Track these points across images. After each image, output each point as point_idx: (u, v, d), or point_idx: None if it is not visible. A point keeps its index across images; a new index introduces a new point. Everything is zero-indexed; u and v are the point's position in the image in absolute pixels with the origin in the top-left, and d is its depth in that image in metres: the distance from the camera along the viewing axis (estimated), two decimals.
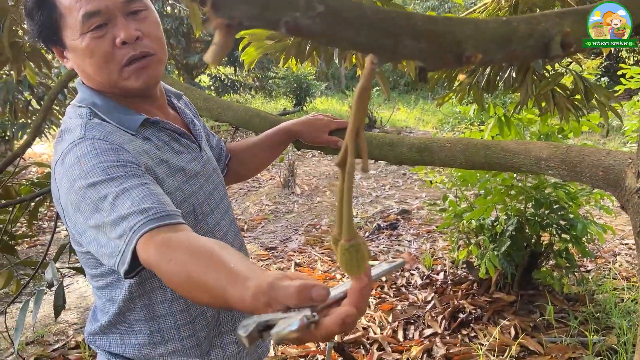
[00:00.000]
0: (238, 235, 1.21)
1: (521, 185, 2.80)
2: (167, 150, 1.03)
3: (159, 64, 1.01)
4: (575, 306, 2.88)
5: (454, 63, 0.48)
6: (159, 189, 0.89)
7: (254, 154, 1.39)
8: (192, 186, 1.05)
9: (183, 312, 1.04)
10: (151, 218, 0.80)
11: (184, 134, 1.08)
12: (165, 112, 1.11)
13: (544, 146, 1.07)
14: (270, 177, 7.32)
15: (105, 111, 0.98)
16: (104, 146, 0.89)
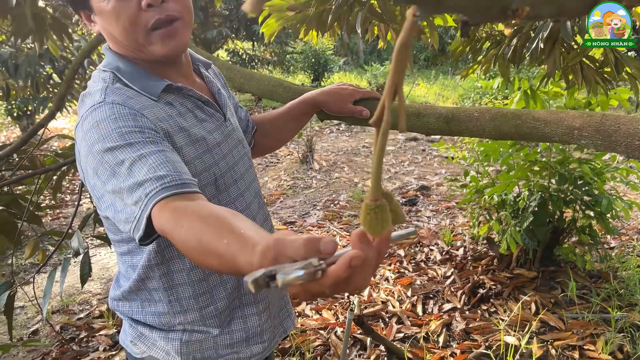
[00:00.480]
0: (262, 208, 1.20)
1: (545, 160, 2.75)
2: (189, 117, 1.01)
3: (186, 28, 0.99)
4: (598, 283, 2.85)
5: (499, 17, 0.45)
6: (176, 156, 0.88)
7: (279, 125, 1.37)
8: (214, 156, 1.03)
9: (201, 281, 1.04)
10: (167, 185, 0.80)
11: (209, 102, 1.07)
12: (191, 79, 1.09)
13: (577, 115, 1.04)
14: (288, 152, 7.32)
15: (129, 76, 0.98)
16: (122, 111, 0.89)
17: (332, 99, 1.30)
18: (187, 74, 1.09)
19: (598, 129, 1.00)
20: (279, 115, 1.35)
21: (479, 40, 2.60)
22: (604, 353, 2.25)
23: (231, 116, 1.15)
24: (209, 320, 1.07)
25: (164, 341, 1.08)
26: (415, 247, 3.64)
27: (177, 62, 1.05)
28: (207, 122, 1.05)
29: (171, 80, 1.02)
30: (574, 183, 2.72)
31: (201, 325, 1.07)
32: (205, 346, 1.08)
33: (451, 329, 2.59)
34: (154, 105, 0.95)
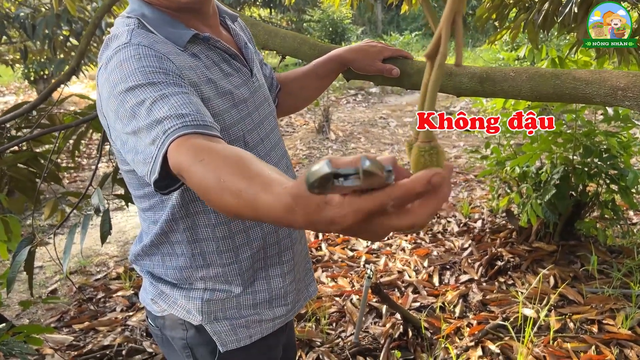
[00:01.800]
0: (290, 170, 1.16)
1: (571, 132, 2.68)
2: (215, 70, 0.97)
3: None
4: (619, 258, 2.81)
5: None
6: (200, 101, 0.84)
7: (304, 84, 1.32)
8: (241, 112, 0.99)
9: (226, 238, 1.02)
10: (187, 124, 0.74)
11: (235, 55, 1.02)
12: (217, 31, 1.05)
13: (621, 75, 0.99)
14: (304, 122, 7.27)
15: (154, 23, 0.93)
16: (148, 52, 0.84)
17: (360, 56, 1.24)
18: (214, 24, 1.04)
19: None
20: (305, 73, 1.31)
21: (506, 6, 2.51)
22: (624, 328, 2.22)
23: (257, 72, 1.11)
24: (231, 277, 1.05)
25: (185, 299, 1.06)
26: (433, 219, 3.60)
27: (203, 11, 0.99)
28: (233, 76, 1.01)
29: (200, 29, 0.98)
30: (599, 156, 2.65)
31: (223, 282, 1.05)
32: (228, 305, 1.06)
33: (468, 300, 2.57)
34: (180, 54, 0.91)
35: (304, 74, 1.31)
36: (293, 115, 7.63)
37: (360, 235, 0.48)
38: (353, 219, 0.44)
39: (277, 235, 1.08)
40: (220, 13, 1.09)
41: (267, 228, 1.05)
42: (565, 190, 2.77)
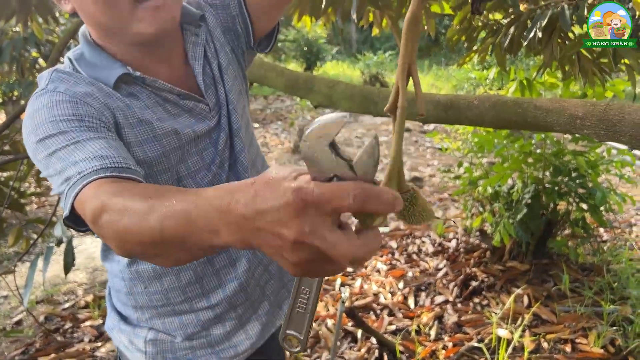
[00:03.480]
0: None
1: (540, 152, 2.72)
2: (158, 110, 0.89)
3: (177, 3, 0.86)
4: (590, 276, 2.84)
5: None
6: (121, 145, 0.78)
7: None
8: (185, 153, 0.92)
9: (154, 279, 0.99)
10: (107, 166, 0.69)
11: (184, 94, 0.92)
12: (175, 62, 0.95)
13: (580, 104, 1.00)
14: (279, 142, 7.26)
15: (86, 63, 0.87)
16: (61, 98, 0.79)
17: None
18: (171, 56, 0.93)
19: (601, 119, 0.96)
20: None
21: (475, 29, 2.56)
22: (596, 346, 2.23)
23: (218, 92, 0.98)
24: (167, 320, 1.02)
25: (132, 336, 1.03)
26: (407, 239, 3.61)
27: (159, 43, 0.90)
28: (182, 117, 0.92)
29: (150, 67, 0.90)
30: (568, 175, 2.70)
31: (161, 325, 1.02)
32: (172, 347, 1.02)
33: (443, 322, 2.57)
34: (108, 95, 0.84)
35: None
36: (267, 135, 7.63)
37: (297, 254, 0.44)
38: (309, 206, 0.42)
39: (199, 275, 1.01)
40: (183, 26, 0.97)
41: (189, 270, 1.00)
42: (537, 209, 2.81)
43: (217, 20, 1.02)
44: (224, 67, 1.00)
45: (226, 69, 1.00)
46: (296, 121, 7.10)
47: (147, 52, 0.89)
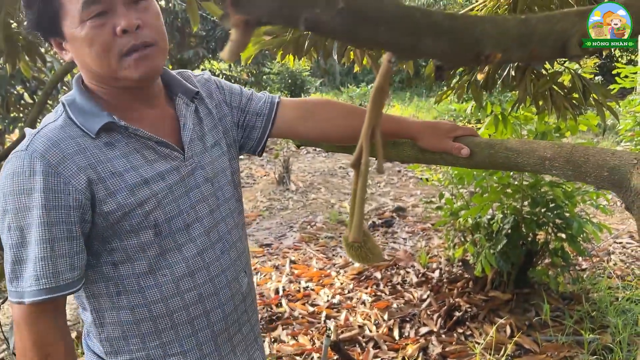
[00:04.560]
0: (230, 251, 1.10)
1: (518, 184, 2.80)
2: (136, 158, 0.97)
3: (160, 54, 0.97)
4: (571, 305, 2.89)
5: (473, 62, 0.46)
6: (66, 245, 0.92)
7: (334, 117, 1.21)
8: (159, 200, 0.98)
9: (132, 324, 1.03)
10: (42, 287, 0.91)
11: (162, 142, 1.00)
12: (159, 112, 1.05)
13: (548, 146, 1.06)
14: (264, 173, 7.30)
15: (76, 110, 0.96)
16: (35, 168, 0.89)
17: (429, 132, 1.17)
18: (156, 104, 1.05)
19: (568, 160, 1.02)
20: (349, 111, 1.22)
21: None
22: None
23: (202, 152, 1.08)
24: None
25: None
26: (392, 270, 3.64)
27: (145, 92, 1.01)
28: (158, 163, 0.99)
29: (136, 111, 1.00)
30: (546, 206, 2.77)
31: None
32: None
33: (428, 353, 2.59)
34: (86, 148, 0.93)
35: (344, 108, 1.24)
36: (253, 166, 7.67)
37: None
38: None
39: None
40: (174, 89, 1.08)
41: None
42: (517, 239, 2.87)
43: (227, 113, 1.17)
44: (209, 133, 1.12)
45: (209, 136, 1.12)
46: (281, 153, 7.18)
47: (134, 97, 1.00)
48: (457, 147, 1.12)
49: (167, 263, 1.00)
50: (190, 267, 1.02)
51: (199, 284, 1.03)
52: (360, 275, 3.57)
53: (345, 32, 0.39)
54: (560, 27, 0.49)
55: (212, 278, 1.05)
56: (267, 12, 0.35)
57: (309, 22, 0.37)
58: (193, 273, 1.02)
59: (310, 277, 3.58)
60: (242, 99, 1.20)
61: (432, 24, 0.42)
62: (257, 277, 3.64)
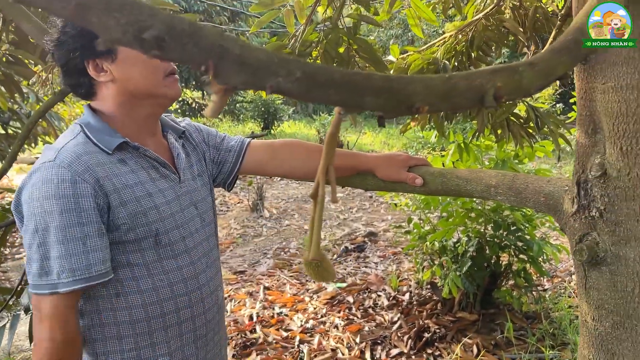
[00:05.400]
0: (211, 267, 1.25)
1: (480, 208, 2.94)
2: (142, 174, 1.12)
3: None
4: (534, 324, 3.02)
5: (406, 112, 0.58)
6: (98, 242, 1.03)
7: (297, 155, 1.35)
8: (160, 213, 1.12)
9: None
10: (77, 278, 1.01)
11: (165, 164, 1.17)
12: (158, 141, 1.21)
13: (493, 174, 1.19)
14: (238, 200, 7.35)
15: (93, 129, 1.09)
16: (65, 176, 1.00)
17: (386, 163, 1.29)
18: (157, 133, 1.22)
19: (510, 187, 1.14)
20: (309, 149, 1.35)
21: None
22: None
23: (191, 179, 1.24)
24: None
25: None
26: (364, 294, 3.73)
27: (153, 122, 1.20)
28: (159, 181, 1.15)
29: (141, 137, 1.15)
30: (507, 229, 2.92)
31: None
32: None
33: None
34: (103, 163, 1.06)
35: (307, 149, 1.36)
36: (227, 194, 7.71)
37: None
38: None
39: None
40: (164, 128, 1.25)
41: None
42: (481, 261, 3.00)
43: (205, 150, 1.34)
44: (195, 165, 1.29)
45: (195, 167, 1.29)
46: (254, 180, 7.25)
47: (143, 126, 1.17)
48: (411, 177, 1.25)
49: (164, 270, 1.13)
50: (184, 274, 1.16)
51: (189, 290, 1.17)
52: (333, 300, 3.65)
53: (302, 94, 0.50)
54: (477, 83, 0.60)
55: (200, 287, 1.19)
56: (241, 82, 0.46)
57: (273, 88, 0.48)
58: (185, 280, 1.16)
59: (284, 303, 3.64)
60: (217, 139, 1.37)
61: (371, 85, 0.54)
62: (231, 304, 3.68)
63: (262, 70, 0.46)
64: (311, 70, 0.49)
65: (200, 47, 0.43)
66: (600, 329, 1.02)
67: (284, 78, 0.48)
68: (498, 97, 0.62)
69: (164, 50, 0.41)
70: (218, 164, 1.36)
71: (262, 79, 0.47)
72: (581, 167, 1.02)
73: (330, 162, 0.58)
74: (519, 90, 0.63)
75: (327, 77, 0.50)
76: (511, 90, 0.63)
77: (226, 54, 0.44)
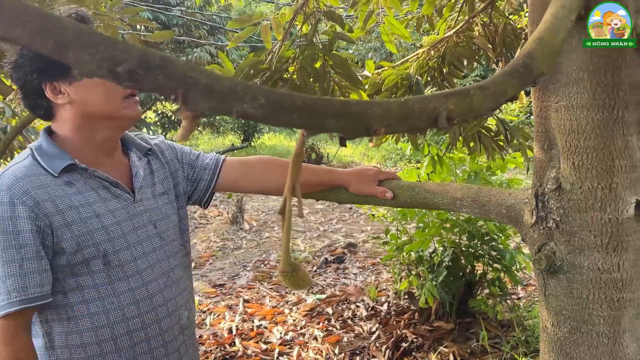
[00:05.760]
0: (172, 286, 1.24)
1: (455, 219, 3.01)
2: (90, 195, 1.13)
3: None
4: (508, 332, 3.09)
5: (365, 134, 0.63)
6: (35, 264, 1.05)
7: (270, 172, 1.38)
8: (109, 233, 1.12)
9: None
10: (12, 301, 1.03)
11: (116, 184, 1.18)
12: (116, 160, 1.22)
13: (458, 187, 1.24)
14: (218, 213, 7.34)
15: (43, 153, 1.11)
16: (4, 199, 1.04)
17: (356, 179, 1.33)
18: (116, 152, 1.23)
19: (475, 199, 1.20)
20: (281, 165, 1.39)
21: None
22: None
23: (150, 198, 1.24)
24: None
25: None
26: (343, 305, 3.76)
27: (110, 144, 1.20)
28: (110, 201, 1.16)
29: (97, 158, 1.16)
30: (481, 239, 2.99)
31: None
32: None
33: None
34: (47, 185, 1.08)
35: (280, 165, 1.39)
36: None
37: None
38: None
39: None
40: (128, 146, 1.26)
41: None
42: (456, 271, 3.07)
43: (178, 168, 1.35)
44: (158, 183, 1.29)
45: (158, 185, 1.28)
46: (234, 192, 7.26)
47: (99, 148, 1.18)
48: (381, 191, 1.30)
49: (114, 292, 1.13)
50: (135, 296, 1.16)
51: (142, 312, 1.16)
52: (313, 312, 3.67)
53: (267, 119, 0.54)
54: (431, 106, 0.65)
55: (155, 307, 1.19)
56: (208, 108, 0.50)
57: (239, 113, 0.52)
58: (138, 302, 1.16)
59: (263, 315, 3.65)
60: (191, 157, 1.38)
61: (331, 109, 0.58)
62: (210, 317, 3.68)
63: (228, 97, 0.51)
64: (274, 97, 0.54)
65: (170, 78, 0.47)
66: (559, 334, 1.08)
67: (249, 104, 0.52)
68: (450, 119, 0.67)
69: (137, 81, 0.44)
70: (193, 182, 1.37)
71: (228, 105, 0.51)
72: (539, 180, 1.08)
73: (297, 179, 0.62)
74: (471, 112, 0.68)
75: (290, 102, 0.55)
76: (463, 113, 0.68)
77: (194, 83, 0.49)
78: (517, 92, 0.78)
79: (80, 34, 0.40)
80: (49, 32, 0.39)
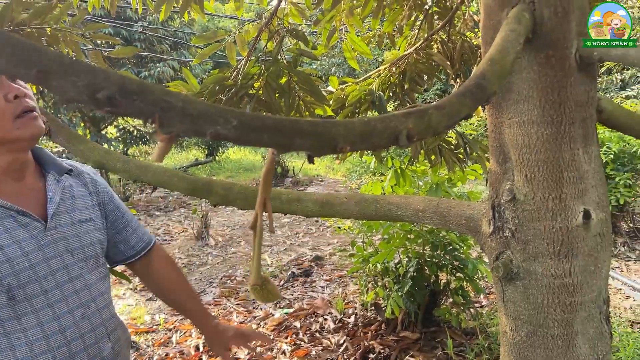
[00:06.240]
0: (92, 317, 1.18)
1: (419, 230, 3.08)
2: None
3: (40, 118, 1.14)
4: (472, 339, 3.16)
5: (331, 152, 0.66)
6: None
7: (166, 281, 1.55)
8: (14, 266, 1.05)
9: None
10: None
11: (22, 212, 1.11)
12: (26, 185, 1.16)
13: (420, 200, 1.30)
14: (182, 229, 7.25)
15: None
16: None
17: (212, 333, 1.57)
18: (25, 178, 1.17)
19: (435, 211, 1.25)
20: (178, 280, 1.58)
21: None
22: None
23: (69, 224, 1.19)
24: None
25: None
26: (311, 318, 3.77)
27: (16, 167, 1.14)
28: (17, 231, 1.09)
29: (3, 185, 1.11)
30: (444, 249, 3.07)
31: None
32: None
33: None
34: None
35: (177, 280, 1.59)
36: (170, 222, 7.61)
37: None
38: None
39: None
40: (46, 167, 1.21)
41: None
42: (421, 281, 3.13)
43: (106, 203, 1.35)
44: (80, 210, 1.25)
45: (78, 212, 1.24)
46: (199, 208, 7.19)
47: (4, 171, 1.12)
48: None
49: (21, 327, 1.06)
50: (45, 331, 1.08)
51: (53, 347, 1.09)
52: (281, 326, 3.67)
53: (239, 139, 0.57)
54: (392, 125, 0.70)
55: (68, 342, 1.11)
56: (183, 130, 0.53)
57: (213, 134, 0.55)
58: (48, 337, 1.08)
59: None
60: (122, 222, 1.40)
61: (299, 129, 0.62)
62: (177, 335, 3.63)
63: (202, 120, 0.54)
64: (246, 119, 0.57)
65: (147, 103, 0.50)
66: (517, 338, 1.14)
67: (222, 126, 0.55)
68: (410, 137, 0.71)
69: (116, 106, 0.47)
70: (112, 245, 1.37)
71: (202, 127, 0.54)
72: (495, 192, 1.14)
73: (267, 196, 0.65)
74: (428, 131, 0.73)
75: (260, 123, 0.58)
76: (421, 131, 0.72)
77: (170, 107, 0.51)
78: (472, 111, 0.83)
79: (62, 64, 0.42)
80: (32, 62, 0.41)
